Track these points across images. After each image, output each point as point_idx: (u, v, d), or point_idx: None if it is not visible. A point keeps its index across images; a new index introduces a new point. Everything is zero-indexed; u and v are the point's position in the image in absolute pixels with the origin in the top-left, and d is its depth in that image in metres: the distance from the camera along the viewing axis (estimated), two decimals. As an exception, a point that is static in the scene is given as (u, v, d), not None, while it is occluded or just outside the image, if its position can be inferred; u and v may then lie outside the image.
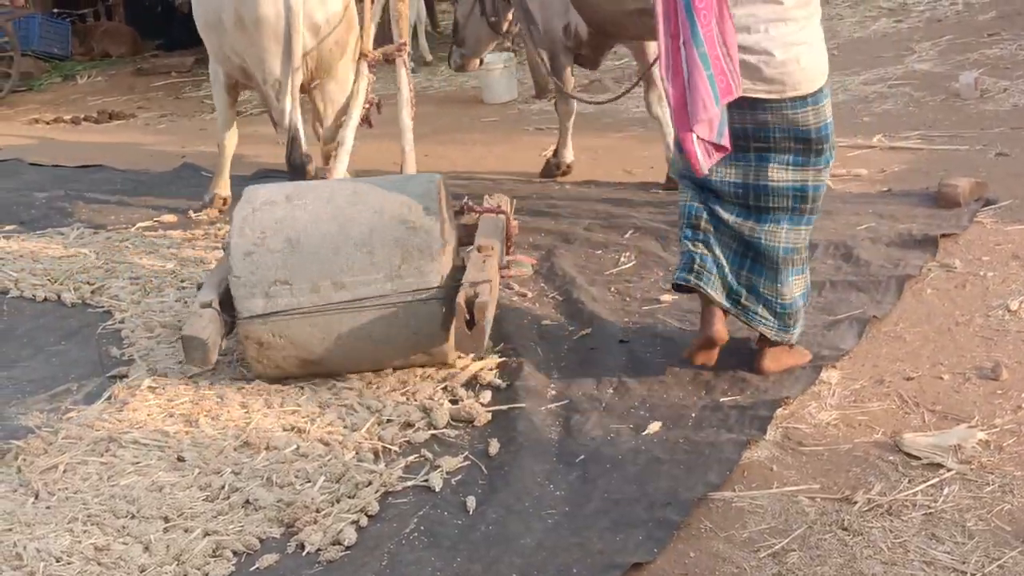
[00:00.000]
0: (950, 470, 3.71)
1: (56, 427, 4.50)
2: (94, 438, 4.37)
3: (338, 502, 3.85)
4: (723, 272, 4.36)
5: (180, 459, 4.20)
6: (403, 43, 6.47)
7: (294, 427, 4.39)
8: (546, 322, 5.19)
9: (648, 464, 3.93)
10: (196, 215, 7.30)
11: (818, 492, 3.68)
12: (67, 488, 4.04)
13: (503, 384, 4.63)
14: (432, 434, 4.30)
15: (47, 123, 10.90)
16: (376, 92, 6.51)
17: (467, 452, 4.15)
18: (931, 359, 4.46)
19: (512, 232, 5.32)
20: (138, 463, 4.18)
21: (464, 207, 5.23)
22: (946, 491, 3.61)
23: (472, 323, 4.37)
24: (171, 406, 4.62)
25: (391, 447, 4.21)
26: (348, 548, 3.62)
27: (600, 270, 5.73)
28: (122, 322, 5.59)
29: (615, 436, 4.15)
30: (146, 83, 12.37)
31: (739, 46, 4.00)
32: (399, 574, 3.49)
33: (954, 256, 5.36)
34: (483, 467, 4.04)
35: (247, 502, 3.90)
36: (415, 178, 5.08)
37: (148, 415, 4.55)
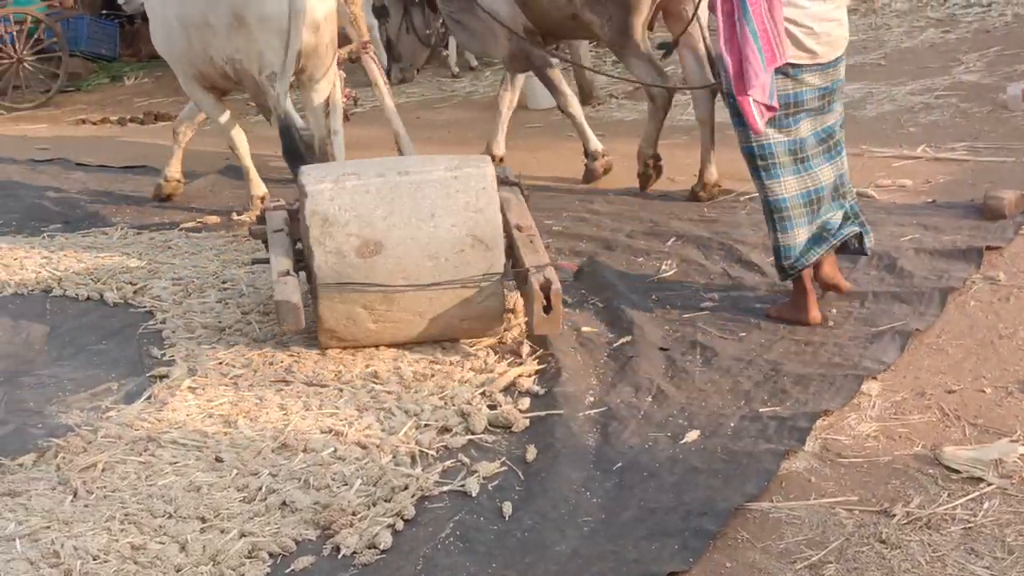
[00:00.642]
0: (990, 484, 3.66)
1: (96, 426, 4.53)
2: (133, 437, 4.40)
3: (374, 505, 3.85)
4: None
5: (218, 460, 4.21)
6: (366, 41, 7.08)
7: (332, 429, 4.40)
8: (586, 328, 5.18)
9: (685, 473, 3.90)
10: (238, 217, 7.33)
11: (856, 504, 3.65)
12: (105, 487, 4.06)
13: (541, 390, 4.62)
14: (469, 439, 4.30)
15: (94, 123, 10.99)
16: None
17: (504, 458, 4.14)
18: (973, 372, 4.41)
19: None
20: (176, 463, 4.21)
21: None
22: (986, 505, 3.57)
23: (549, 308, 4.73)
24: (210, 407, 4.64)
25: (428, 451, 4.21)
26: (383, 552, 3.62)
27: (641, 278, 5.71)
28: (163, 322, 5.62)
29: (653, 444, 4.13)
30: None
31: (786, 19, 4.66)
32: (433, 579, 3.49)
33: (998, 269, 5.30)
34: (520, 473, 4.03)
35: (284, 504, 3.90)
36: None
37: (187, 415, 4.58)
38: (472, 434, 4.33)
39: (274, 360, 5.04)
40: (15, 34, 12.12)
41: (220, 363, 5.04)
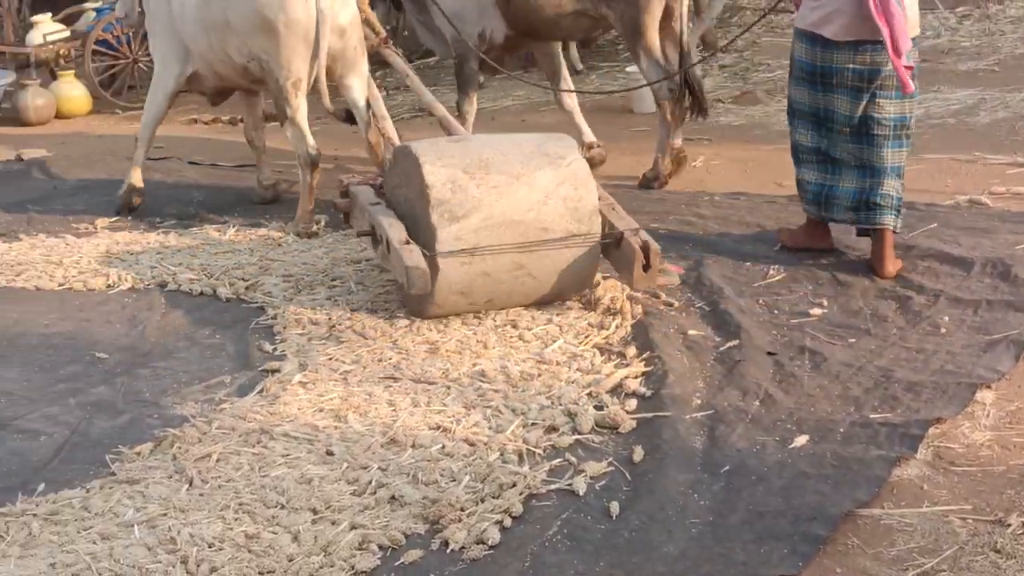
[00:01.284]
0: (1110, 497, 3.60)
1: (210, 417, 4.62)
2: (246, 429, 4.48)
3: (482, 502, 3.89)
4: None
5: (329, 453, 4.28)
6: (384, 37, 7.21)
7: (440, 426, 4.44)
8: (692, 332, 5.17)
9: (794, 477, 3.89)
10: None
11: (970, 513, 3.61)
12: (220, 476, 4.15)
13: (648, 392, 4.62)
14: (576, 439, 4.31)
15: (205, 123, 11.16)
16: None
17: (611, 458, 4.15)
18: (1092, 383, 4.34)
19: None
20: (288, 455, 4.28)
21: None
22: (1105, 518, 3.51)
23: (648, 266, 5.26)
24: (321, 401, 4.71)
25: (535, 450, 4.24)
26: (491, 548, 3.65)
27: (748, 282, 5.69)
28: (274, 318, 5.71)
29: (760, 448, 4.12)
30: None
31: None
32: (541, 576, 3.52)
33: (1117, 278, 5.20)
34: (627, 473, 4.04)
35: (393, 498, 3.95)
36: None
37: (298, 409, 4.65)
38: (579, 434, 4.35)
39: (383, 357, 5.10)
40: (131, 35, 12.35)
41: (330, 359, 5.11)
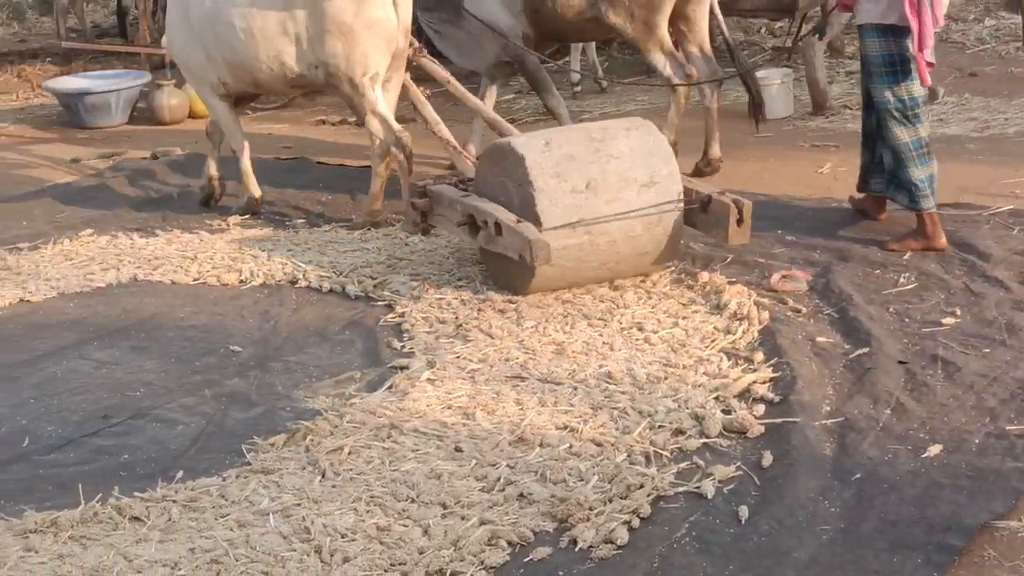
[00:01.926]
0: None
1: (341, 411, 4.71)
2: (377, 424, 4.55)
3: (610, 502, 3.91)
4: None
5: (458, 449, 4.33)
6: (418, 46, 7.37)
7: (567, 426, 4.47)
8: (820, 339, 5.13)
9: (928, 487, 3.85)
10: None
11: (1111, 528, 3.54)
12: (351, 469, 4.23)
13: (776, 398, 4.60)
14: (704, 442, 4.31)
15: (333, 125, 11.32)
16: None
17: (739, 462, 4.14)
18: None
19: None
20: (418, 450, 4.35)
21: None
22: None
23: (741, 220, 5.71)
24: (449, 398, 4.77)
25: (663, 452, 4.25)
26: (620, 548, 3.67)
27: (878, 289, 5.63)
28: (402, 316, 5.79)
29: (893, 457, 4.08)
30: (434, 87, 12.71)
31: None
32: (669, 577, 3.53)
33: None
34: (755, 478, 4.03)
35: (521, 495, 3.99)
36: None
37: (427, 406, 4.71)
38: (706, 437, 4.35)
39: (510, 356, 5.14)
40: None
41: (458, 357, 5.17)
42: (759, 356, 4.98)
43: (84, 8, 15.85)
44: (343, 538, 3.77)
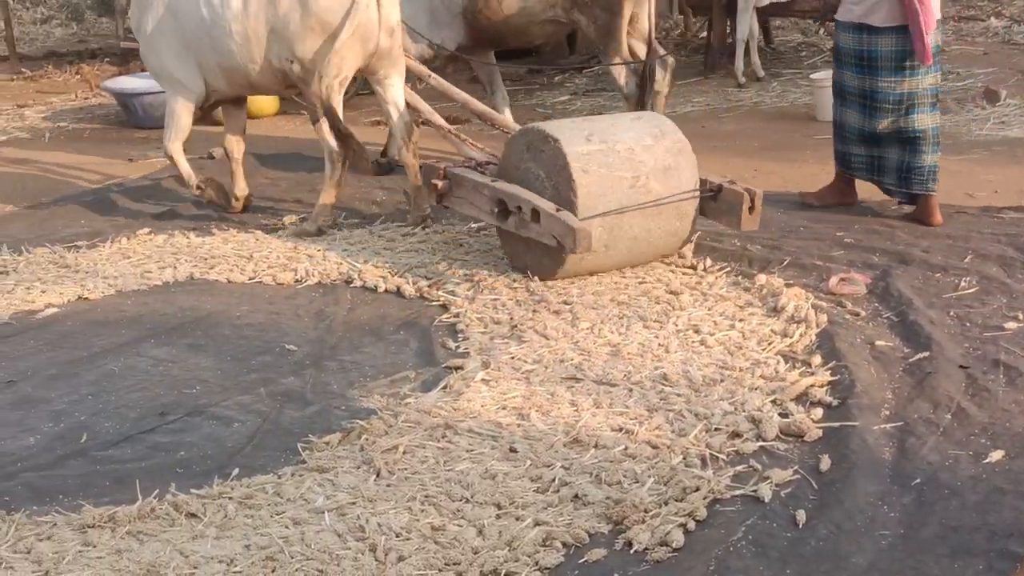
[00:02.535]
0: None
1: (396, 411, 4.70)
2: (431, 424, 4.55)
3: (666, 504, 3.88)
4: None
5: (512, 450, 4.32)
6: None
7: (622, 428, 4.45)
8: (880, 343, 5.07)
9: (989, 493, 3.79)
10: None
11: None
12: (406, 469, 4.22)
13: (834, 401, 4.55)
14: (760, 445, 4.27)
15: (387, 124, 11.37)
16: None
17: (796, 466, 4.10)
18: None
19: None
20: (472, 451, 4.33)
21: None
22: None
23: (753, 207, 6.00)
24: (504, 399, 4.76)
25: (719, 455, 4.21)
26: (675, 550, 3.64)
27: (939, 293, 5.56)
28: (457, 316, 5.79)
29: (953, 462, 4.02)
30: (480, 90, 12.70)
31: None
32: (726, 581, 3.49)
33: None
34: (813, 482, 3.99)
35: (576, 496, 3.97)
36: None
37: (482, 406, 4.70)
38: (763, 441, 4.31)
39: (564, 357, 5.12)
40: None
41: (512, 358, 5.16)
42: (817, 359, 4.93)
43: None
44: (397, 537, 3.77)
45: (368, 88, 9.98)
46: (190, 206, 8.21)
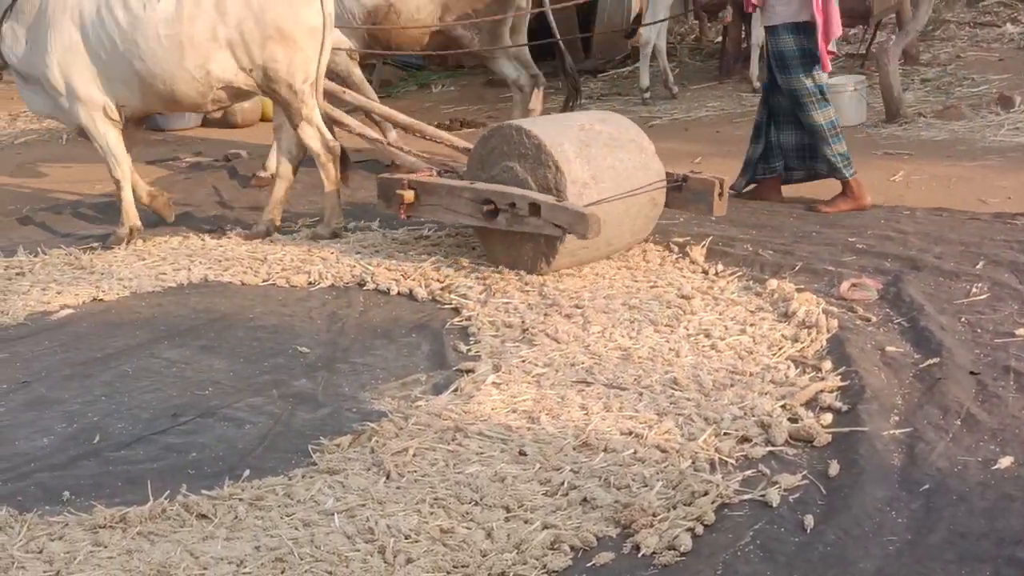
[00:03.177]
0: None
1: (407, 413, 4.72)
2: (442, 426, 4.57)
3: (674, 508, 3.88)
4: None
5: (522, 453, 4.33)
6: None
7: (631, 432, 4.46)
8: (890, 348, 5.07)
9: (998, 500, 3.78)
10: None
11: None
12: (416, 471, 4.24)
13: (844, 407, 4.55)
14: (770, 450, 4.27)
15: (404, 128, 11.40)
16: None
17: (805, 471, 4.10)
18: None
19: None
20: (482, 453, 4.35)
21: None
22: None
23: (722, 194, 6.43)
24: (514, 402, 4.78)
25: (728, 459, 4.21)
26: (683, 554, 3.64)
27: (950, 299, 5.56)
28: (469, 319, 5.81)
29: (962, 468, 4.02)
30: (495, 94, 12.74)
31: None
32: (733, 585, 3.50)
33: None
34: (821, 487, 3.99)
35: (585, 500, 3.98)
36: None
37: (492, 409, 4.72)
38: (772, 446, 4.31)
39: (575, 361, 5.13)
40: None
41: (523, 361, 5.17)
42: (827, 364, 4.93)
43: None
44: (407, 539, 3.78)
45: (384, 92, 9.96)
46: (205, 208, 8.26)
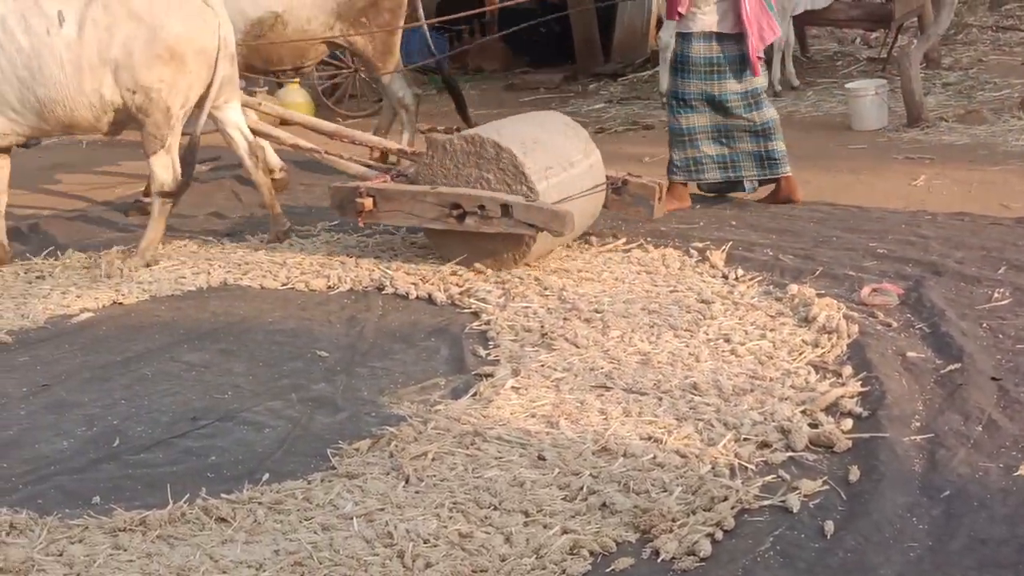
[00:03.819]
0: None
1: (426, 417, 4.72)
2: (460, 431, 4.56)
3: (694, 514, 3.87)
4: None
5: (541, 458, 4.32)
6: None
7: (651, 437, 4.45)
8: (911, 354, 5.05)
9: (1019, 506, 3.76)
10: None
11: None
12: (435, 475, 4.24)
13: (864, 412, 4.53)
14: (790, 456, 4.26)
15: (422, 132, 11.39)
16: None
17: (825, 477, 4.08)
18: None
19: None
20: (501, 458, 4.34)
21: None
22: None
23: (661, 197, 6.86)
24: (533, 407, 4.77)
25: (748, 465, 4.20)
26: (702, 560, 3.63)
27: (971, 304, 5.53)
28: (488, 324, 5.80)
29: (983, 475, 4.00)
30: (515, 98, 12.74)
31: None
32: (753, 591, 3.49)
33: None
34: (842, 493, 3.97)
35: (604, 505, 3.97)
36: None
37: (511, 413, 4.71)
38: (792, 451, 4.29)
39: (594, 366, 5.13)
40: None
41: (542, 365, 5.16)
42: (848, 370, 4.91)
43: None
44: (425, 544, 3.78)
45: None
46: (224, 212, 8.27)
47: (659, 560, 3.65)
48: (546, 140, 6.64)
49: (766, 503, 3.94)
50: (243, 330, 5.96)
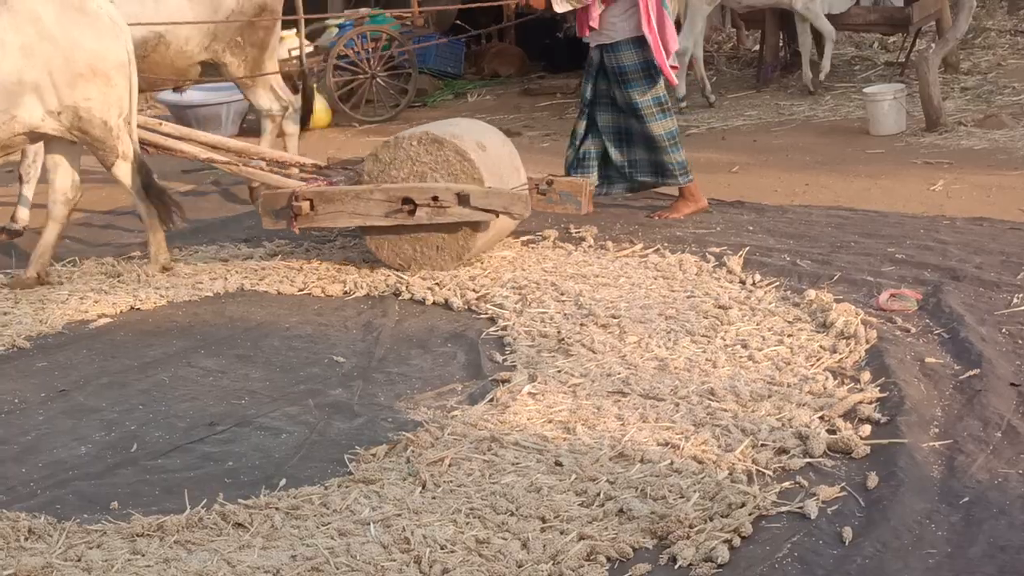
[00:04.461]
0: None
1: (442, 423, 4.72)
2: (477, 437, 4.56)
3: (711, 520, 3.86)
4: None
5: (558, 464, 4.32)
6: None
7: (668, 442, 4.44)
8: (930, 359, 5.03)
9: (1039, 513, 3.75)
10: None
11: None
12: (452, 481, 4.24)
13: (883, 418, 4.52)
14: (807, 462, 4.24)
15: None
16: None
17: (844, 483, 4.07)
18: None
19: None
20: (518, 464, 4.34)
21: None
22: None
23: (588, 194, 7.03)
24: (550, 412, 4.76)
25: (765, 471, 4.19)
26: (720, 566, 3.62)
27: (991, 310, 5.50)
28: (504, 329, 5.80)
29: (1003, 481, 3.98)
30: (531, 103, 12.75)
31: None
32: (770, 597, 3.48)
33: None
34: (860, 499, 3.96)
35: (621, 511, 3.96)
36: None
37: (528, 419, 4.71)
38: (810, 457, 4.28)
39: (611, 371, 5.12)
40: (371, 51, 12.74)
41: (559, 371, 5.16)
42: (866, 376, 4.90)
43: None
44: (442, 549, 3.78)
45: (420, 100, 9.98)
46: (241, 218, 8.29)
47: (676, 566, 3.65)
48: (483, 136, 6.95)
49: (784, 509, 3.93)
50: (260, 335, 5.97)
